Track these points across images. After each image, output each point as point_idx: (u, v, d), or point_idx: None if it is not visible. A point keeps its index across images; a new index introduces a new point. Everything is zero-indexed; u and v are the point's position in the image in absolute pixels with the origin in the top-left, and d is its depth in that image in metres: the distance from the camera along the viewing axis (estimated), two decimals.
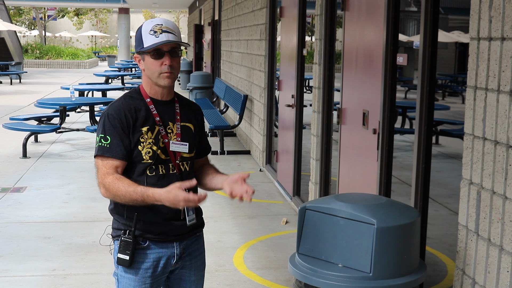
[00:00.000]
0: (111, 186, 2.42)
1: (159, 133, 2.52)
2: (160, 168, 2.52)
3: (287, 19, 7.26)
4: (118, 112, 2.49)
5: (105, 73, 22.55)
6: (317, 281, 2.69)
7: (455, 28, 5.96)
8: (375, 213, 2.69)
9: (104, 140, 2.48)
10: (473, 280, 2.87)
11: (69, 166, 8.64)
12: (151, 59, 2.49)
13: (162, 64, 2.48)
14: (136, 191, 2.38)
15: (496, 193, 2.69)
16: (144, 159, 2.49)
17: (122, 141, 2.47)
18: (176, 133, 2.57)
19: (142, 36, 2.49)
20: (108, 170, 2.45)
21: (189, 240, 2.65)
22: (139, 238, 2.51)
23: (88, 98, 12.29)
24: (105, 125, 2.49)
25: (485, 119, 2.76)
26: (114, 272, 2.64)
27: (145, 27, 2.50)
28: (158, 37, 2.46)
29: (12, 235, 5.66)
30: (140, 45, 2.50)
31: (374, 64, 4.33)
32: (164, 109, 2.57)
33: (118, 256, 2.52)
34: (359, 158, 4.70)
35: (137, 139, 2.49)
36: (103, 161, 2.47)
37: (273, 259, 5.12)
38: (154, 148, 2.50)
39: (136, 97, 2.56)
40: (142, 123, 2.50)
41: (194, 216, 2.60)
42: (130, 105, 2.52)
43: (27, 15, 51.43)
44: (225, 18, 12.96)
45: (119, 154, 2.46)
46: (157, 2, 27.77)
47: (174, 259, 2.61)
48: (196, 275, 2.73)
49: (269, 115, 8.47)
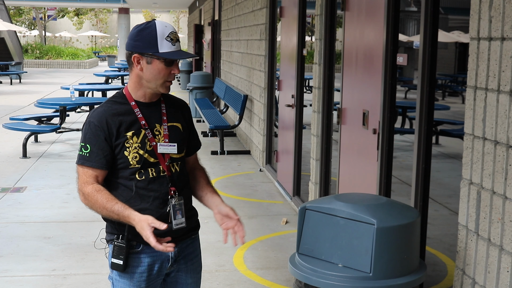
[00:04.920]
0: (89, 196, 2.43)
1: (146, 136, 2.48)
2: (150, 171, 2.49)
3: (287, 19, 7.26)
4: (99, 120, 2.45)
5: (105, 73, 22.56)
6: (317, 281, 2.69)
7: (455, 28, 5.95)
8: (375, 213, 2.69)
9: (84, 149, 2.46)
10: (473, 280, 2.87)
11: (69, 166, 8.64)
12: (162, 65, 2.42)
13: (170, 73, 2.46)
14: (113, 209, 2.38)
15: (496, 193, 2.69)
16: (131, 164, 2.46)
17: (102, 150, 2.44)
18: (164, 135, 2.52)
19: (157, 40, 2.40)
20: (88, 179, 2.45)
21: (183, 243, 2.62)
22: (132, 242, 2.48)
23: (88, 98, 12.30)
24: (86, 133, 2.47)
25: (485, 119, 2.76)
26: (109, 276, 2.62)
27: (161, 30, 2.41)
28: (175, 45, 2.43)
29: (12, 235, 5.66)
30: (153, 49, 2.40)
31: (374, 64, 4.33)
32: (150, 111, 2.52)
33: (112, 261, 2.49)
34: (359, 158, 4.70)
35: (122, 144, 2.45)
36: (83, 169, 2.47)
37: (273, 259, 5.12)
38: (141, 152, 2.47)
39: (120, 102, 2.51)
40: (127, 128, 2.46)
41: (183, 220, 2.52)
42: (113, 111, 2.47)
43: (27, 15, 51.44)
44: (225, 18, 12.96)
45: (98, 163, 2.44)
46: (157, 2, 27.77)
47: (168, 262, 2.58)
48: (192, 277, 2.70)
49: (269, 115, 8.47)
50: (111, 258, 2.51)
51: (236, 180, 7.72)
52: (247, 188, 7.43)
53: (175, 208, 2.50)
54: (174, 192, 2.52)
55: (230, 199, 6.52)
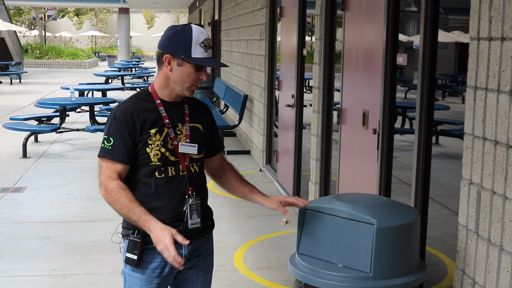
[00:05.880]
0: (113, 192, 2.44)
1: (168, 135, 2.52)
2: (170, 170, 2.53)
3: (287, 19, 7.26)
4: (125, 115, 2.48)
5: (105, 73, 22.54)
6: (317, 281, 2.69)
7: (455, 28, 5.96)
8: (375, 213, 2.69)
9: (107, 142, 2.49)
10: (473, 280, 2.87)
11: (69, 166, 8.64)
12: (192, 69, 2.47)
13: (198, 78, 2.50)
14: (135, 211, 2.41)
15: (496, 193, 2.69)
16: (153, 161, 2.50)
17: (125, 145, 2.47)
18: (185, 135, 2.57)
19: (192, 44, 2.44)
20: (111, 173, 2.47)
21: (198, 241, 2.65)
22: (147, 238, 2.50)
23: (88, 98, 12.29)
24: (110, 126, 2.50)
25: (485, 119, 2.76)
26: (122, 271, 2.65)
27: (196, 36, 2.44)
28: (207, 52, 2.47)
29: (12, 235, 5.66)
30: (186, 52, 2.44)
31: (374, 64, 4.33)
32: (174, 110, 2.57)
33: (127, 256, 2.53)
34: (359, 158, 4.70)
35: (145, 141, 2.48)
36: (106, 163, 2.49)
37: (273, 259, 5.12)
38: (163, 150, 2.50)
39: (145, 99, 2.55)
40: (151, 125, 2.50)
41: (198, 220, 2.58)
42: (139, 107, 2.51)
43: (27, 15, 51.44)
44: (225, 18, 12.96)
45: (119, 157, 2.47)
46: (157, 2, 27.78)
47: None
48: (203, 276, 2.73)
49: (269, 115, 8.47)
50: (125, 252, 2.55)
51: None
52: None
53: (191, 207, 2.55)
54: (192, 192, 2.56)
55: (230, 199, 6.52)
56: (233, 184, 2.77)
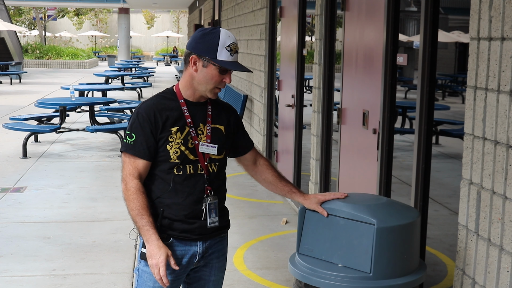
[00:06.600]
0: (130, 192, 2.51)
1: (189, 134, 2.56)
2: (188, 168, 2.56)
3: (287, 19, 7.26)
4: (148, 112, 2.54)
5: (105, 73, 22.51)
6: (317, 281, 2.69)
7: (455, 28, 5.96)
8: (375, 213, 2.69)
9: (129, 138, 2.56)
10: (473, 280, 2.87)
11: (69, 166, 8.64)
12: (216, 72, 2.51)
13: (222, 80, 2.55)
14: (142, 217, 2.47)
15: (496, 193, 2.69)
16: (172, 159, 2.54)
17: (146, 141, 2.52)
18: (206, 135, 2.61)
19: (218, 46, 2.49)
20: (133, 170, 2.53)
21: (213, 240, 2.69)
22: (163, 235, 2.54)
23: (88, 98, 12.28)
24: (133, 123, 2.56)
25: (485, 119, 2.76)
26: (136, 267, 2.67)
27: (223, 39, 2.50)
28: (233, 56, 2.52)
29: (12, 235, 5.66)
30: (212, 54, 2.49)
31: (374, 64, 4.33)
32: (196, 110, 2.61)
33: (142, 251, 2.56)
34: (359, 158, 4.70)
35: (166, 138, 2.53)
36: (129, 159, 2.55)
37: (273, 259, 5.12)
38: (182, 149, 2.55)
39: (169, 98, 2.60)
40: (172, 123, 2.54)
41: (216, 219, 2.63)
42: (162, 106, 2.56)
43: (27, 15, 51.44)
44: (225, 18, 12.96)
45: (140, 153, 2.53)
46: (157, 2, 27.81)
47: (196, 257, 2.64)
48: (216, 275, 2.76)
49: (269, 115, 8.47)
50: (141, 248, 2.57)
51: (236, 180, 7.71)
52: (247, 188, 7.43)
53: (210, 207, 2.61)
54: (210, 191, 2.61)
55: (230, 199, 6.51)
56: (272, 183, 2.82)
